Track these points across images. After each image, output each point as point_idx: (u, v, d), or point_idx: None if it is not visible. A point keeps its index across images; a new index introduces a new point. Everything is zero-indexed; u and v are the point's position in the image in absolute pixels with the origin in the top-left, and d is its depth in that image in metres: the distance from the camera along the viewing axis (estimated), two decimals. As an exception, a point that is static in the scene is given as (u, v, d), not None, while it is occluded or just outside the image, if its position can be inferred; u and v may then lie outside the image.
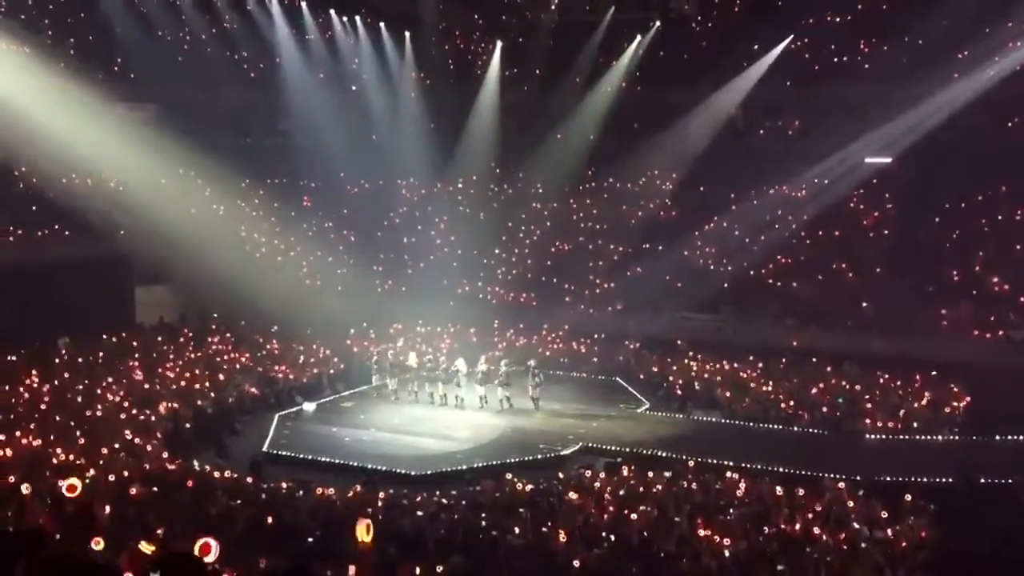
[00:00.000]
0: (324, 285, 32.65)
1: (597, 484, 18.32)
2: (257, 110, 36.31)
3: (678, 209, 33.95)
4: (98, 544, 10.03)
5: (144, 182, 29.96)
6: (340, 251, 33.59)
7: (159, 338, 29.77)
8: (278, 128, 37.23)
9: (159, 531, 13.26)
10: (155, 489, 16.88)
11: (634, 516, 16.11)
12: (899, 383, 25.31)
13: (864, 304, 29.01)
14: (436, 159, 35.12)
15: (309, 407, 25.16)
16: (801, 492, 17.55)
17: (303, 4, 34.56)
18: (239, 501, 16.85)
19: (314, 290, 32.31)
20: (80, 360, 26.33)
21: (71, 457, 18.31)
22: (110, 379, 24.70)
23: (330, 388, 27.18)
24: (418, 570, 13.04)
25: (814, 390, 25.16)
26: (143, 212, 29.26)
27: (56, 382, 24.14)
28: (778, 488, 17.56)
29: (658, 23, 34.52)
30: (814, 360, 26.70)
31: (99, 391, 23.59)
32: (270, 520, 15.90)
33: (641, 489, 17.90)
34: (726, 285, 30.73)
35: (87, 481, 15.65)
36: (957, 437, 22.68)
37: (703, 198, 33.51)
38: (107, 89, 30.63)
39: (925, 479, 19.34)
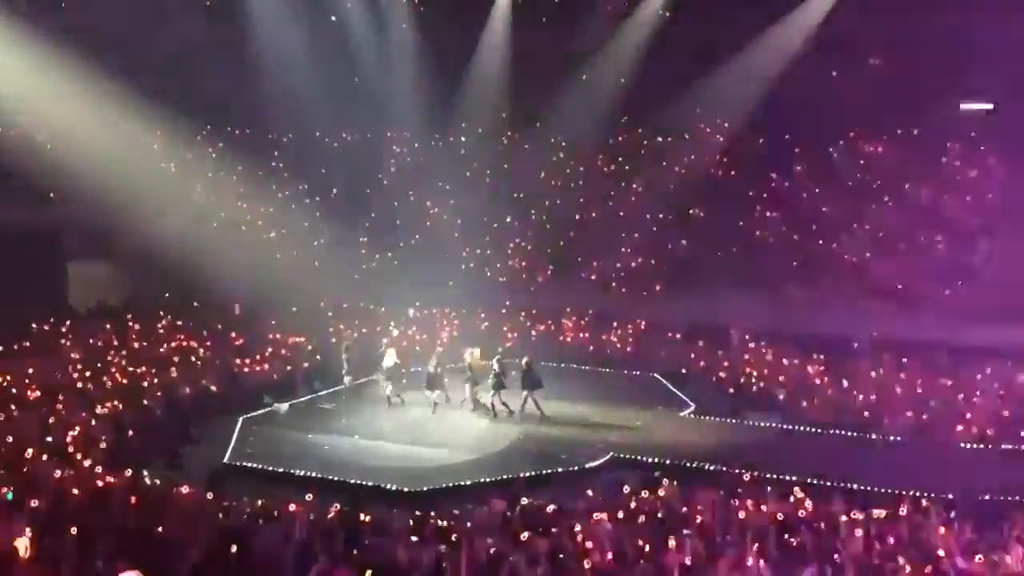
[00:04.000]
0: (298, 260, 32.67)
1: (631, 504, 18.27)
2: (216, 47, 36.23)
3: (732, 166, 33.80)
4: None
5: (78, 136, 29.96)
6: (317, 218, 33.59)
7: (97, 325, 29.81)
8: (241, 69, 37.16)
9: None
10: (90, 508, 16.88)
11: (673, 543, 16.06)
12: (1001, 382, 25.20)
13: (959, 283, 28.89)
14: (434, 107, 35.02)
15: (280, 409, 25.19)
16: (879, 513, 17.48)
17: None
18: (195, 524, 16.84)
19: (286, 266, 32.33)
20: (-2, 350, 26.43)
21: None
22: (32, 371, 24.73)
23: (305, 386, 27.18)
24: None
25: (897, 389, 25.06)
26: (77, 172, 29.25)
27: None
28: (852, 510, 17.48)
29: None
30: (898, 353, 26.57)
31: (23, 388, 23.64)
32: (233, 549, 15.88)
33: (684, 510, 17.84)
34: (794, 263, 30.60)
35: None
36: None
37: (762, 153, 33.36)
38: (30, 20, 30.47)
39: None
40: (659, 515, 17.67)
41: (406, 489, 20.19)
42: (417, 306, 31.11)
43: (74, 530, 14.30)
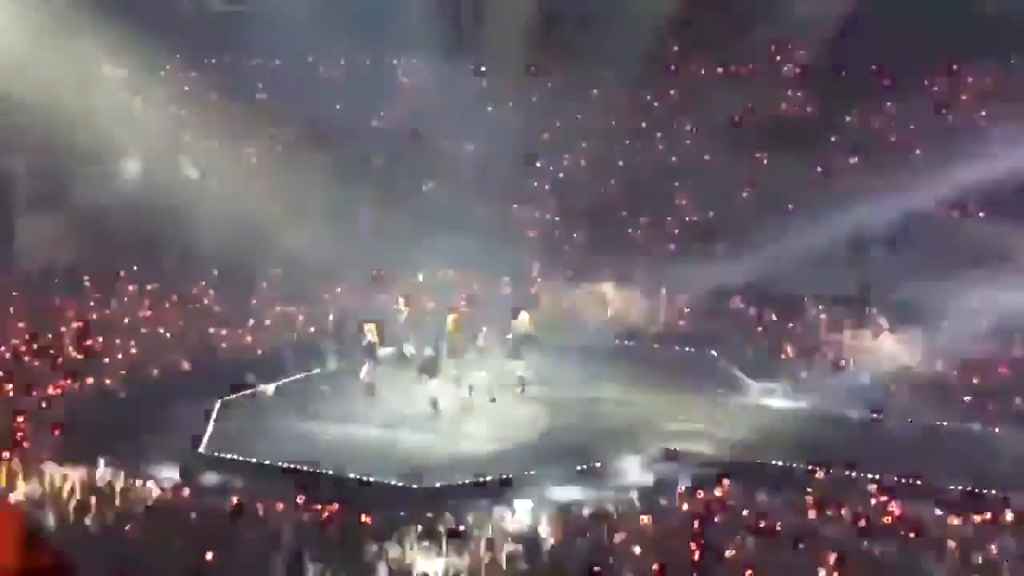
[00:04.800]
0: (286, 213, 32.70)
1: (684, 507, 18.34)
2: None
3: (810, 103, 33.60)
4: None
5: (25, 67, 29.98)
6: (308, 164, 33.62)
7: (48, 288, 29.94)
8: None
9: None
10: (37, 508, 17.08)
11: (732, 553, 16.13)
12: None
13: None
14: (448, 29, 34.90)
15: (266, 390, 25.36)
16: (980, 518, 17.49)
17: None
18: (164, 526, 16.99)
19: (272, 221, 32.38)
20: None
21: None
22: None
23: (295, 363, 27.32)
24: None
25: (1002, 370, 24.99)
26: (26, 110, 29.34)
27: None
28: (949, 515, 17.51)
29: None
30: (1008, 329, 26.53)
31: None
32: (209, 556, 16.01)
33: (746, 514, 17.90)
34: (879, 219, 30.37)
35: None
36: None
37: (849, 87, 33.14)
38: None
39: None
40: (716, 519, 17.74)
41: (414, 486, 20.31)
42: (430, 269, 31.16)
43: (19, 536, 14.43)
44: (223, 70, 35.17)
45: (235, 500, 18.02)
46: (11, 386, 23.02)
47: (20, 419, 21.43)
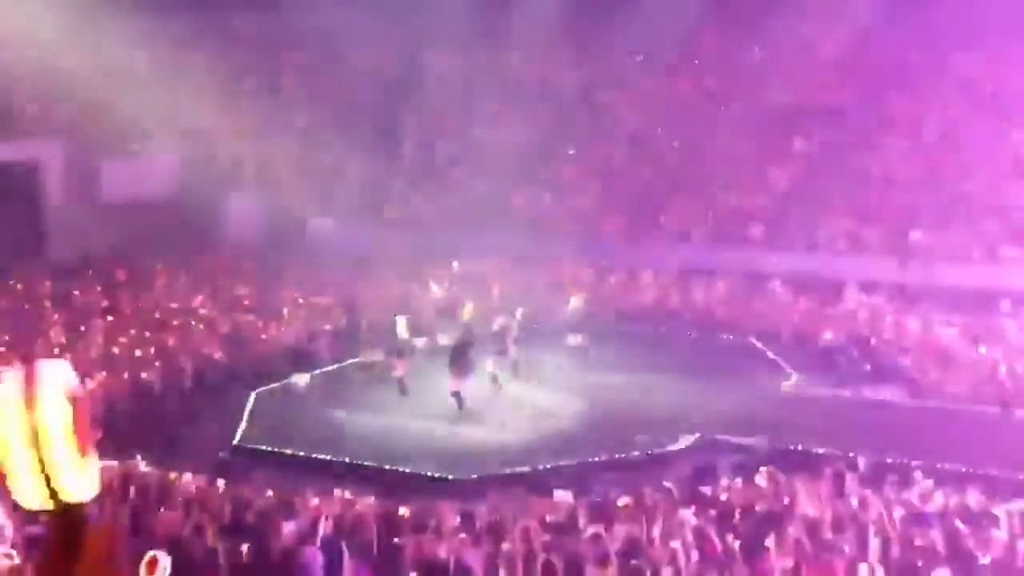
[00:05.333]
0: (318, 203, 32.75)
1: (723, 496, 18.21)
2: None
3: (849, 87, 33.38)
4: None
5: (54, 54, 30.04)
6: (340, 154, 33.65)
7: (81, 280, 30.05)
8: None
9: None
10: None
11: (773, 542, 15.96)
12: None
13: None
14: (482, 18, 34.84)
15: (300, 381, 25.38)
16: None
17: None
18: (201, 520, 16.97)
19: (304, 210, 32.43)
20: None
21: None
22: (4, 337, 25.04)
23: (330, 353, 27.34)
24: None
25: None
26: (55, 96, 29.40)
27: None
28: (990, 505, 17.29)
29: None
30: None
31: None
32: (245, 549, 15.99)
33: (787, 502, 17.74)
34: (920, 203, 30.16)
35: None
36: None
37: (889, 67, 32.89)
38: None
39: None
40: (756, 509, 17.61)
41: (450, 477, 20.28)
42: (463, 260, 31.19)
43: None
44: (250, 65, 35.19)
45: (270, 492, 18.03)
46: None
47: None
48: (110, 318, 27.18)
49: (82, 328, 26.26)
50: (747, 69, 34.90)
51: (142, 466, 19.78)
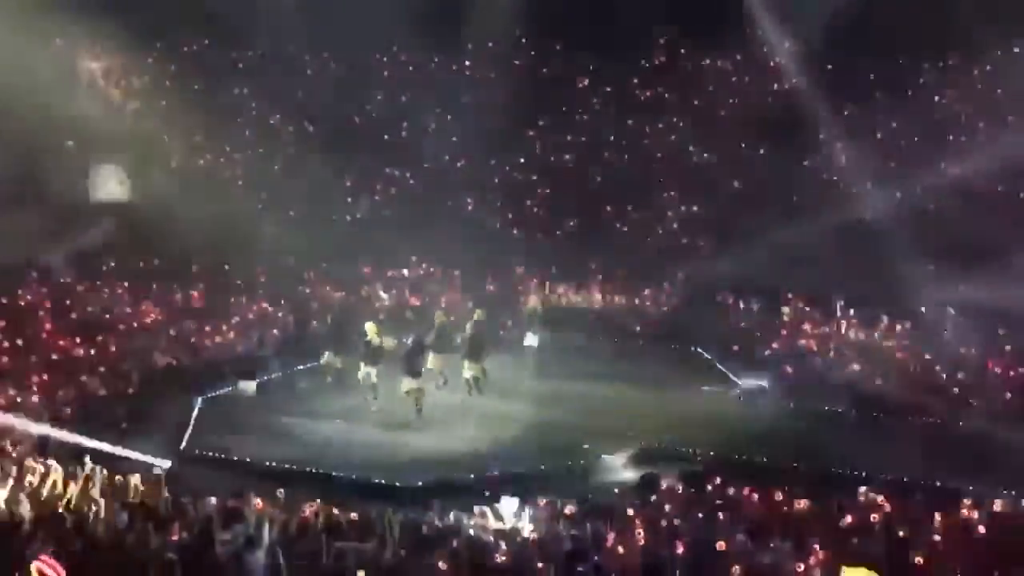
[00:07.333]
0: (268, 205, 32.62)
1: (667, 505, 18.37)
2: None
3: (795, 95, 33.63)
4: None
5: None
6: (292, 155, 33.60)
7: (24, 285, 29.79)
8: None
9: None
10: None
11: (723, 546, 16.13)
12: None
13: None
14: (432, 20, 34.87)
15: (247, 387, 25.39)
16: (973, 515, 17.51)
17: None
18: (145, 526, 16.94)
19: (253, 212, 32.30)
20: None
21: None
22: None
23: (278, 359, 27.35)
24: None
25: (990, 366, 25.09)
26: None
27: None
28: (934, 513, 17.52)
29: None
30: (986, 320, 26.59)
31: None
32: (189, 557, 15.97)
33: (732, 512, 17.92)
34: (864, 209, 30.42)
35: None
36: None
37: (832, 79, 33.19)
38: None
39: None
40: (700, 516, 17.78)
41: (397, 484, 20.32)
42: (412, 264, 31.19)
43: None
44: (199, 57, 35.08)
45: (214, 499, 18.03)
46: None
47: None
48: (54, 322, 26.94)
49: (26, 333, 26.04)
50: (704, 76, 35.07)
51: (88, 471, 19.72)
